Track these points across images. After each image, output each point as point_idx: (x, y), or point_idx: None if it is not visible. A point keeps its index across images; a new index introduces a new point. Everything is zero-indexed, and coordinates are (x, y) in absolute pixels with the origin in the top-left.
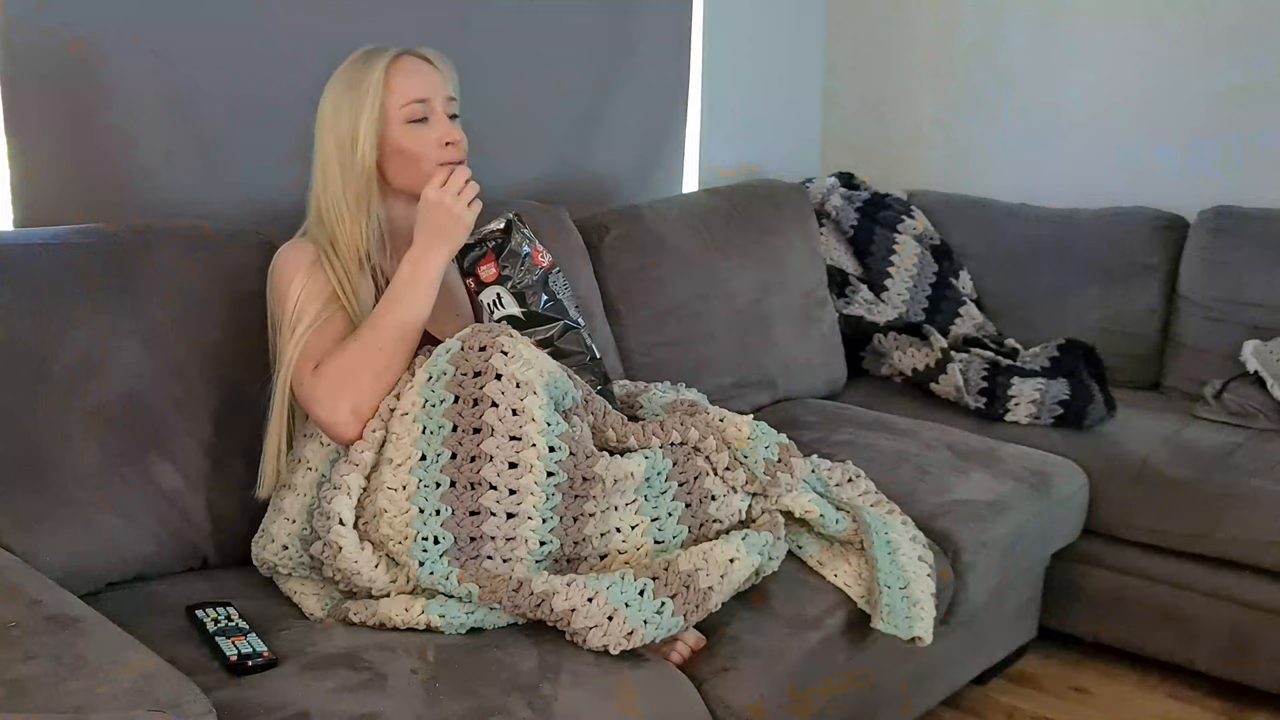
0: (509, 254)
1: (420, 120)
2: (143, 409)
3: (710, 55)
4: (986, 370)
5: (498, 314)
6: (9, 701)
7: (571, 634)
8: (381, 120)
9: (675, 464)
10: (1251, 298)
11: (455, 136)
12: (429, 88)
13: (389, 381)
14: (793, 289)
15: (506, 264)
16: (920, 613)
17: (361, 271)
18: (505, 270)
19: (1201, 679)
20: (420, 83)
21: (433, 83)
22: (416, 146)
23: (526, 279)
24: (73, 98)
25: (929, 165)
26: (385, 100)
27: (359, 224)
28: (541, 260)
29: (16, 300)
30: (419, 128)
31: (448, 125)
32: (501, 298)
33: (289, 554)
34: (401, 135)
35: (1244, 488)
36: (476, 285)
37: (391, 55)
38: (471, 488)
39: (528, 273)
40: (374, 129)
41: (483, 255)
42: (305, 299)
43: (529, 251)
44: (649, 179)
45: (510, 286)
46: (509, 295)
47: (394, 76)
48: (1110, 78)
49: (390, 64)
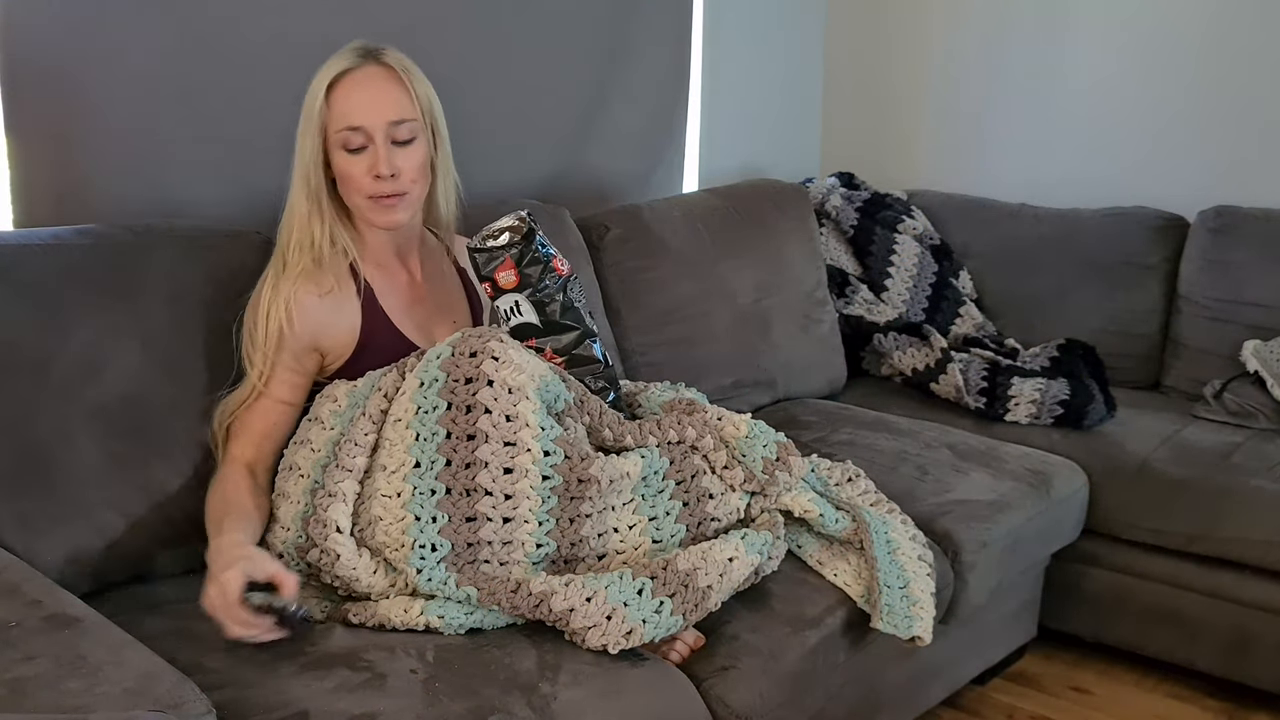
0: (531, 260)
1: (357, 149)
2: (143, 409)
3: (710, 55)
4: (986, 370)
5: (514, 321)
6: (9, 701)
7: (570, 634)
8: (323, 139)
9: (672, 463)
10: (1251, 298)
11: (386, 171)
12: (368, 115)
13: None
14: (793, 289)
15: (528, 271)
16: (920, 612)
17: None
18: (526, 278)
19: (1201, 679)
20: (358, 110)
21: (377, 107)
22: (349, 173)
23: (548, 287)
24: (73, 98)
25: (929, 165)
26: (325, 121)
27: (308, 234)
28: (562, 268)
29: (16, 300)
30: (354, 155)
31: (383, 155)
32: (520, 305)
33: (284, 562)
34: (338, 159)
35: (1244, 488)
36: (494, 290)
37: (339, 70)
38: (467, 494)
39: (549, 281)
40: (317, 146)
41: (501, 261)
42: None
43: (551, 258)
44: (649, 179)
45: (530, 294)
46: (528, 303)
47: (334, 98)
48: (1110, 78)
49: (333, 82)
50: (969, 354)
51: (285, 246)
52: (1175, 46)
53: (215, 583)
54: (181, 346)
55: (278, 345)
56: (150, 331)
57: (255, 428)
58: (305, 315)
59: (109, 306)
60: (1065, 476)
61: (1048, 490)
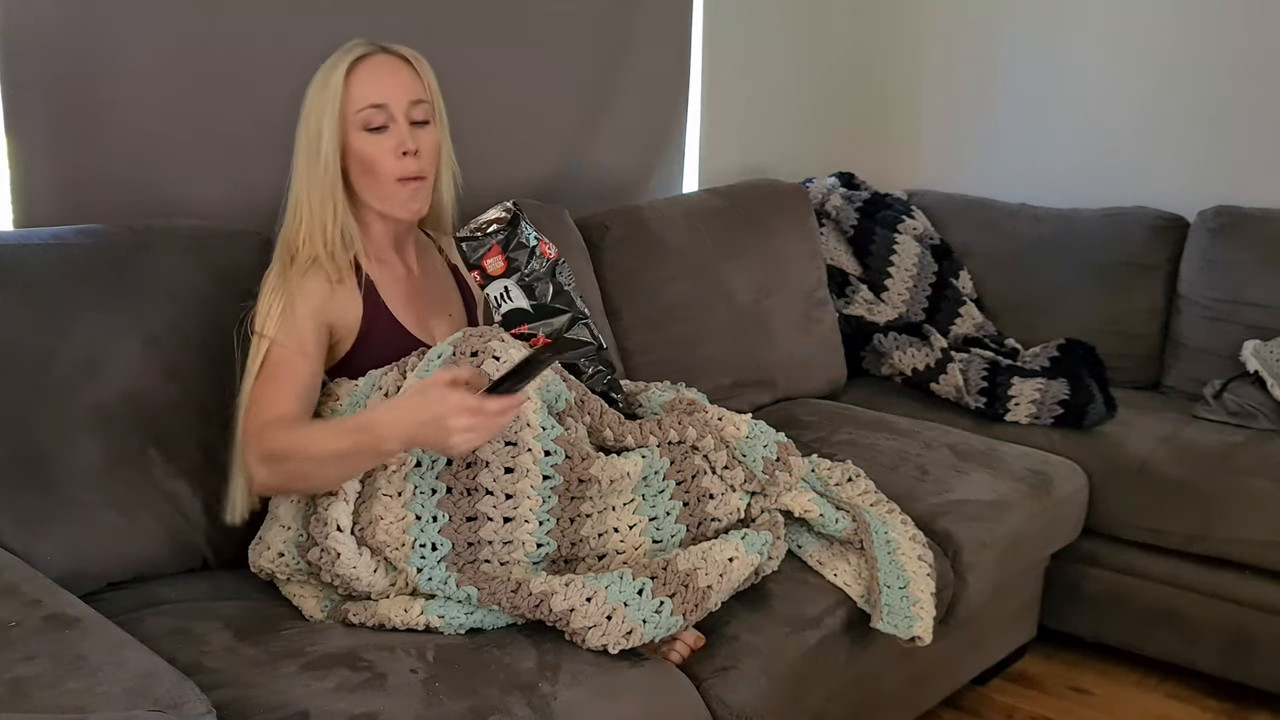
0: (517, 245)
1: (378, 128)
2: (143, 409)
3: (710, 55)
4: (986, 370)
5: (505, 308)
6: (9, 701)
7: (570, 634)
8: (342, 125)
9: (673, 463)
10: (1251, 298)
11: (412, 146)
12: (389, 92)
13: (309, 489)
14: (793, 289)
15: (514, 256)
16: (920, 612)
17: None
18: (514, 262)
19: (1201, 679)
20: (379, 87)
21: (397, 86)
22: (372, 154)
23: (535, 271)
24: (73, 98)
25: (929, 165)
26: (344, 104)
27: (320, 227)
28: (549, 251)
29: (16, 300)
30: (376, 135)
31: (405, 133)
32: (509, 291)
33: (285, 560)
34: (359, 142)
35: (1244, 488)
36: (483, 278)
37: (356, 55)
38: (468, 493)
39: (536, 264)
40: (335, 132)
41: (488, 248)
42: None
43: (537, 242)
44: (649, 179)
45: (519, 279)
46: (518, 288)
47: (354, 79)
48: (1110, 78)
49: (353, 65)
50: (969, 354)
51: (292, 239)
52: (1175, 46)
53: (450, 404)
54: (182, 346)
55: (287, 310)
56: (150, 331)
57: (283, 387)
58: (315, 297)
59: (109, 306)
60: (1065, 476)
61: (1048, 490)
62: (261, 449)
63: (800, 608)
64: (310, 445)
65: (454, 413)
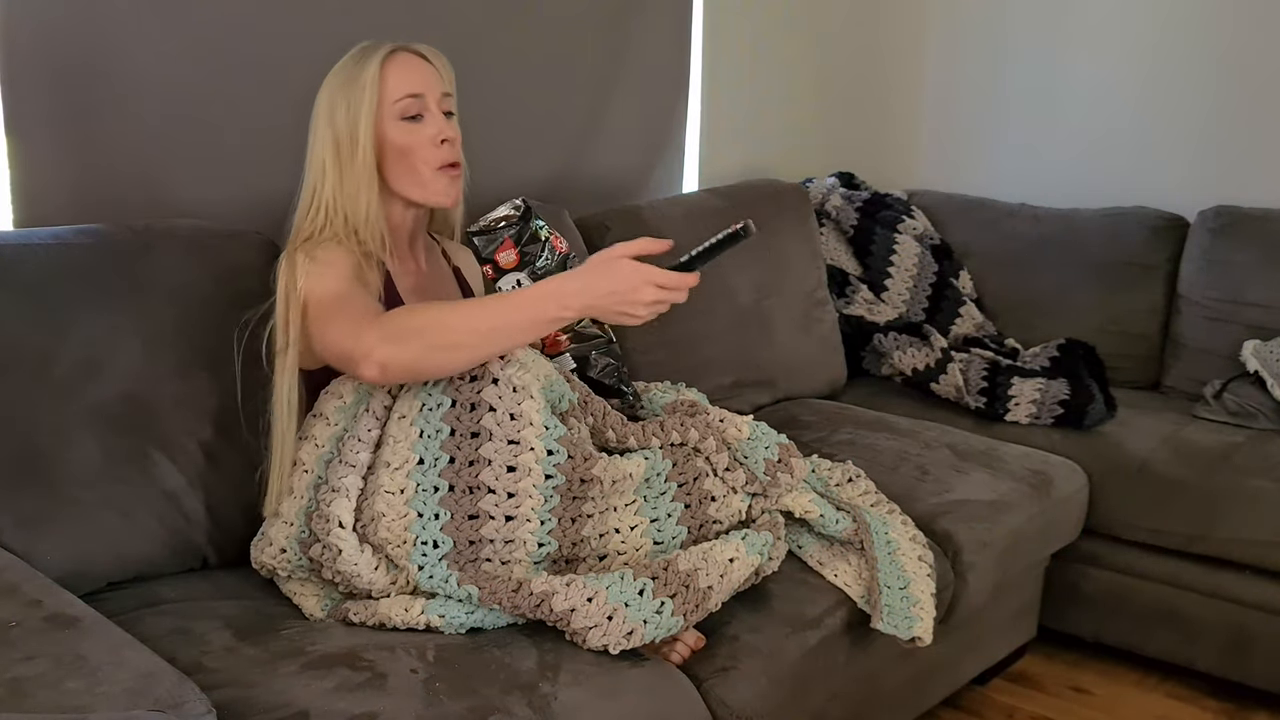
0: (530, 239)
1: (414, 117)
2: (143, 409)
3: (710, 55)
4: (986, 370)
5: None
6: (9, 701)
7: (571, 634)
8: (378, 116)
9: (675, 465)
10: (1251, 298)
11: (450, 134)
12: (424, 83)
13: (437, 365)
14: (793, 289)
15: (528, 250)
16: (920, 613)
17: (369, 265)
18: (526, 256)
19: (1201, 679)
20: (415, 78)
21: (428, 79)
22: (410, 143)
23: (548, 264)
24: (73, 98)
25: (929, 165)
26: (380, 96)
27: (359, 221)
28: (561, 245)
29: (16, 300)
30: (413, 125)
31: (443, 122)
32: (522, 284)
33: (287, 557)
34: (396, 132)
35: (1244, 488)
36: (495, 272)
37: (387, 50)
38: (470, 492)
39: (549, 258)
40: (370, 125)
41: (500, 242)
42: (334, 279)
43: (549, 236)
44: (649, 179)
45: (530, 273)
46: (530, 282)
47: (389, 72)
48: (1110, 77)
49: (386, 59)
50: (969, 354)
51: (311, 233)
52: (1175, 46)
53: (643, 275)
54: (182, 346)
55: (318, 264)
56: (151, 331)
57: (357, 302)
58: (344, 263)
59: (110, 306)
60: (1065, 476)
61: (1048, 490)
62: (384, 330)
63: (800, 608)
64: (448, 318)
65: (646, 284)
